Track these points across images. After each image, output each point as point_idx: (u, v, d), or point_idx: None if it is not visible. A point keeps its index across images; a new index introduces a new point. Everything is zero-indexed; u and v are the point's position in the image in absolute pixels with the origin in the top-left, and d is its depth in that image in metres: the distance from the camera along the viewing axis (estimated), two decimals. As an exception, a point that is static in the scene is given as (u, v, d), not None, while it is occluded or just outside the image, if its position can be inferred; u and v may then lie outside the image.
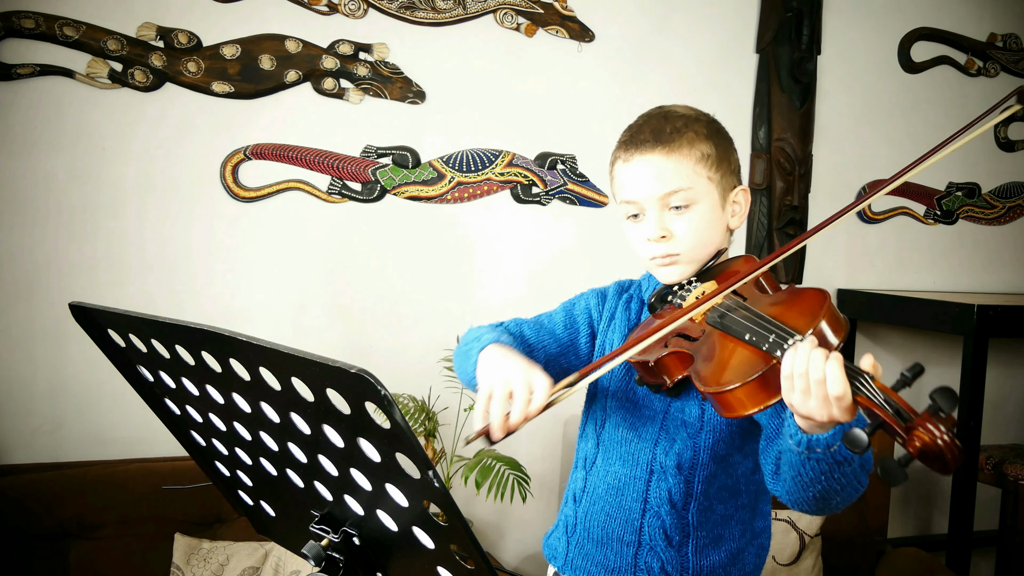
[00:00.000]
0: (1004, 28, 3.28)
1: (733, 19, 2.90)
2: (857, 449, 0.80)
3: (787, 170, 2.92)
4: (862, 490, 0.99)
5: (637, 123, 1.27)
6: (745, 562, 1.26)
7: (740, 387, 0.96)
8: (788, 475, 1.01)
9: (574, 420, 2.76)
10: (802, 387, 0.88)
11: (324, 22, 2.48)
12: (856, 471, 0.96)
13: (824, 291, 1.00)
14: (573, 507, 1.32)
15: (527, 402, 1.03)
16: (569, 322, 1.35)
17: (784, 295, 1.09)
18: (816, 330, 0.93)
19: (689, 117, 1.24)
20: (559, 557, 1.33)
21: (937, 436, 0.76)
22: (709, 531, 1.23)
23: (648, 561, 1.23)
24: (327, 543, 0.94)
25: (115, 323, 0.95)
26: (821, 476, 0.96)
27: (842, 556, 2.52)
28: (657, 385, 1.18)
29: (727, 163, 1.24)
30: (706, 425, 1.20)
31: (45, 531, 2.08)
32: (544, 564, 1.26)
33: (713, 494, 1.22)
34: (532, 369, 1.07)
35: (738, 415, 0.98)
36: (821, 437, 0.93)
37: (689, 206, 1.20)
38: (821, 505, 1.01)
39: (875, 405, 0.82)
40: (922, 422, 0.77)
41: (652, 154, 1.21)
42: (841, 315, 0.97)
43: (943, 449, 0.76)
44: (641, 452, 1.24)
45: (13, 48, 2.23)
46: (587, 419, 1.34)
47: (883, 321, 3.07)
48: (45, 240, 2.30)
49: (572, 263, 2.74)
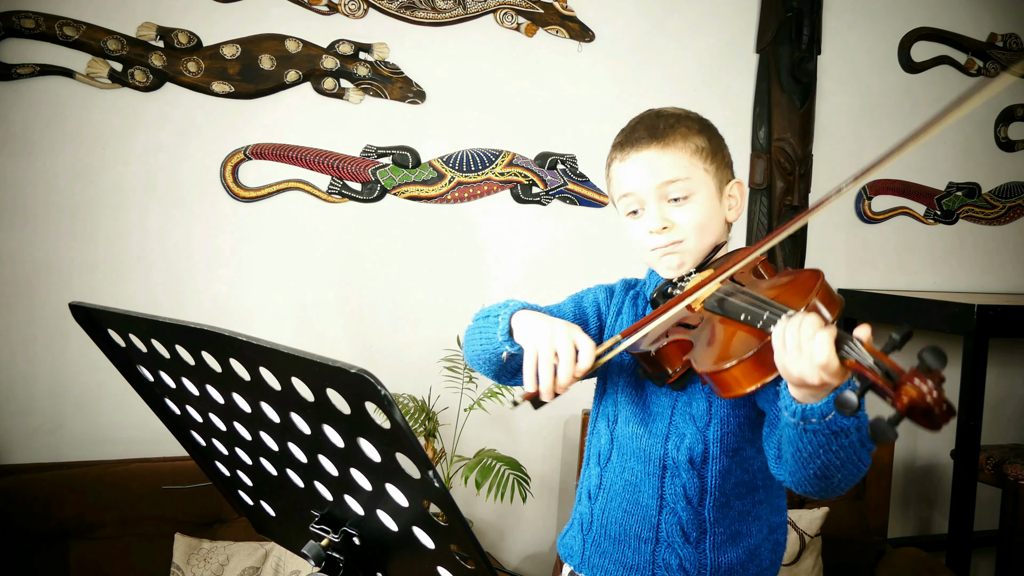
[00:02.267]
0: (1004, 28, 3.28)
1: (733, 19, 2.90)
2: (847, 410, 0.81)
3: (787, 170, 2.92)
4: (864, 468, 1.00)
5: (630, 125, 1.30)
6: (762, 558, 1.26)
7: (736, 365, 0.97)
8: (788, 453, 1.01)
9: (574, 420, 2.76)
10: (793, 344, 0.89)
11: (324, 22, 2.49)
12: (855, 445, 0.96)
13: (818, 270, 1.02)
14: (588, 504, 1.32)
15: (573, 361, 1.05)
16: (578, 311, 1.37)
17: (780, 278, 1.11)
18: (810, 305, 0.94)
19: (680, 115, 1.28)
20: (575, 556, 1.33)
21: (925, 392, 0.76)
22: (727, 527, 1.23)
23: (666, 558, 1.23)
24: (327, 543, 0.94)
25: (115, 323, 0.95)
26: (820, 449, 0.96)
27: (842, 556, 2.52)
28: (660, 377, 1.18)
29: (720, 156, 1.27)
30: (714, 418, 1.21)
31: (45, 531, 2.08)
32: (544, 564, 1.26)
33: (729, 490, 1.22)
34: (573, 328, 1.09)
35: (736, 394, 0.99)
36: (815, 406, 0.94)
37: (687, 197, 1.23)
38: (823, 484, 1.01)
39: (864, 368, 0.83)
40: (909, 378, 0.78)
41: (648, 149, 1.24)
42: (836, 293, 0.99)
43: (931, 405, 0.76)
44: (653, 448, 1.24)
45: (13, 48, 2.23)
46: (598, 415, 1.35)
47: (883, 321, 3.07)
48: (45, 240, 2.30)
49: (572, 263, 2.74)
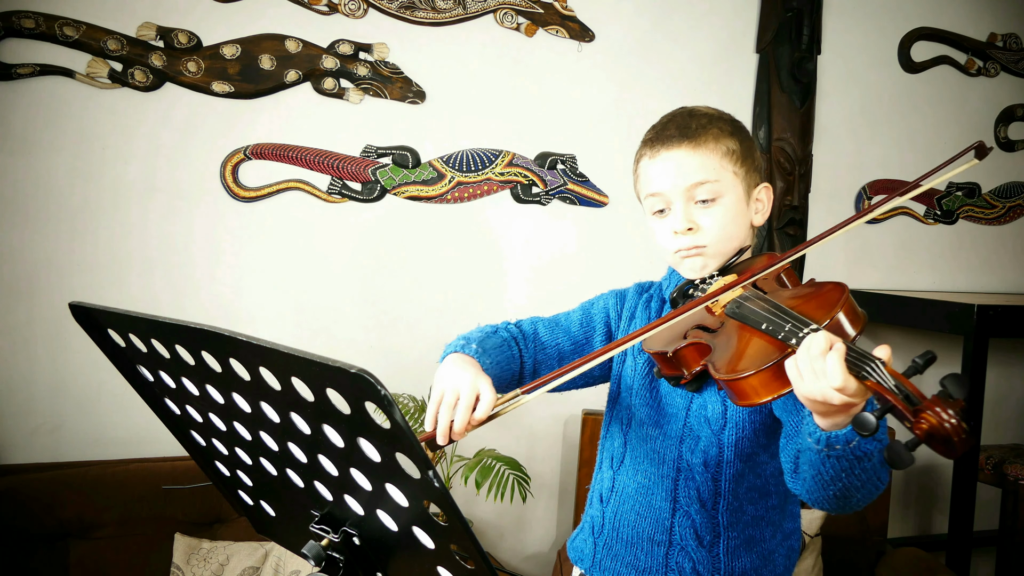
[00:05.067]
0: (1004, 28, 3.28)
1: (733, 19, 2.90)
2: (865, 432, 0.81)
3: (787, 170, 2.92)
4: (882, 487, 0.99)
5: (662, 122, 1.29)
6: (776, 563, 1.26)
7: (754, 375, 0.97)
8: (808, 474, 1.01)
9: (574, 420, 2.76)
10: (808, 371, 0.88)
11: (324, 22, 2.48)
12: (876, 467, 0.96)
13: (843, 284, 1.02)
14: (600, 507, 1.32)
15: (470, 409, 1.05)
16: (586, 321, 1.36)
17: (804, 289, 1.11)
18: (833, 320, 0.94)
19: (713, 115, 1.27)
20: (586, 559, 1.33)
21: (945, 420, 0.77)
22: (740, 532, 1.23)
23: (680, 561, 1.23)
24: (327, 543, 0.94)
25: (115, 323, 0.95)
26: (842, 473, 0.96)
27: (842, 556, 2.52)
28: (676, 378, 1.18)
29: (751, 160, 1.26)
30: (729, 422, 1.20)
31: (45, 531, 2.08)
32: (544, 564, 1.26)
33: (743, 494, 1.22)
34: (480, 378, 1.08)
35: (752, 403, 0.99)
36: (840, 433, 0.93)
37: (715, 199, 1.22)
38: (841, 503, 1.01)
39: (885, 390, 0.83)
40: (930, 405, 0.79)
41: (679, 149, 1.22)
42: (860, 308, 0.98)
43: (950, 432, 0.77)
44: (667, 450, 1.24)
45: (13, 48, 2.23)
46: (612, 418, 1.34)
47: (883, 321, 3.07)
48: (45, 240, 2.30)
49: (572, 263, 2.74)
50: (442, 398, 1.07)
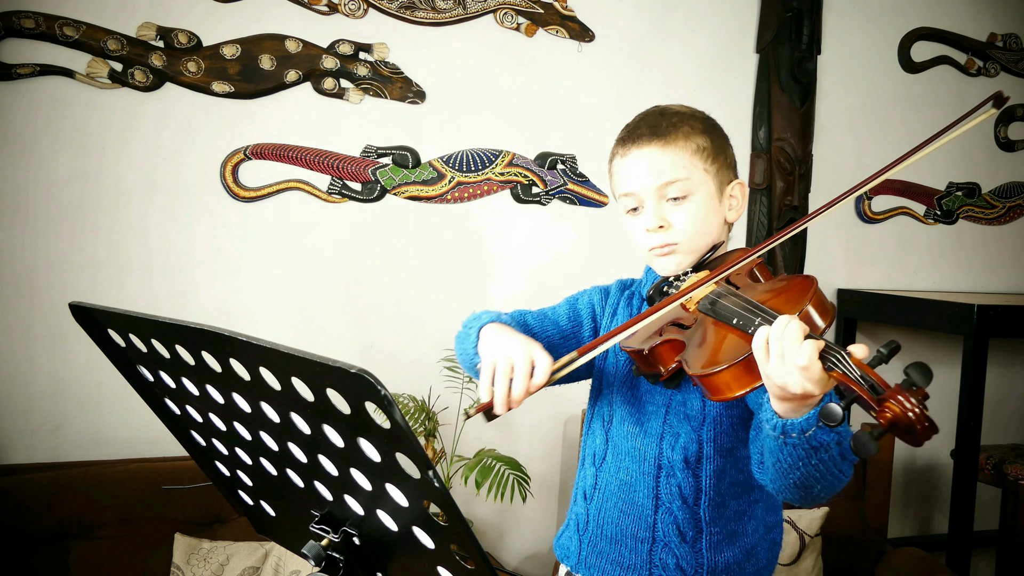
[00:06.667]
0: (1004, 28, 3.28)
1: (733, 19, 2.90)
2: (832, 422, 0.82)
3: (787, 170, 2.92)
4: (845, 480, 1.00)
5: (634, 121, 1.30)
6: (759, 557, 1.27)
7: (726, 369, 0.97)
8: (769, 462, 1.02)
9: (574, 420, 2.76)
10: (777, 351, 0.89)
11: (324, 22, 2.48)
12: (835, 459, 0.97)
13: (812, 277, 1.03)
14: (584, 504, 1.32)
15: (528, 376, 1.05)
16: (573, 314, 1.37)
17: (775, 283, 1.12)
18: (803, 313, 0.95)
19: (684, 113, 1.27)
20: (572, 556, 1.33)
21: (908, 408, 0.78)
22: (723, 527, 1.23)
23: (663, 557, 1.23)
24: (327, 543, 0.94)
25: (115, 323, 0.95)
26: (799, 462, 0.97)
27: (842, 556, 2.52)
28: (654, 375, 1.19)
29: (723, 156, 1.27)
30: (707, 417, 1.21)
31: (45, 531, 2.08)
32: (544, 564, 1.26)
33: (725, 489, 1.22)
34: (532, 344, 1.08)
35: (725, 398, 1.00)
36: (795, 421, 0.94)
37: (686, 197, 1.22)
38: (803, 493, 1.02)
39: (850, 380, 0.84)
40: (893, 394, 0.79)
41: (649, 147, 1.23)
42: (828, 301, 1.00)
43: (913, 421, 0.77)
44: (648, 447, 1.25)
45: (13, 48, 2.23)
46: (593, 415, 1.35)
47: (883, 321, 3.07)
48: (45, 240, 2.30)
49: (572, 263, 2.74)
50: (495, 367, 1.06)
